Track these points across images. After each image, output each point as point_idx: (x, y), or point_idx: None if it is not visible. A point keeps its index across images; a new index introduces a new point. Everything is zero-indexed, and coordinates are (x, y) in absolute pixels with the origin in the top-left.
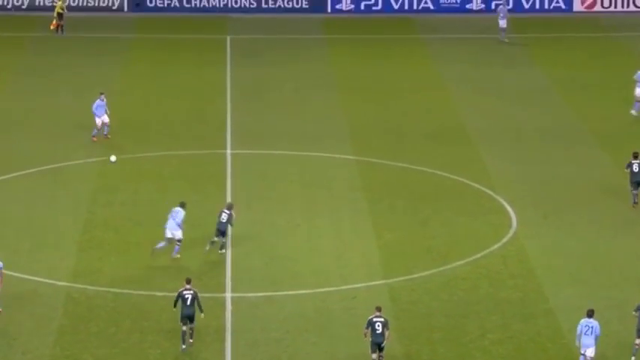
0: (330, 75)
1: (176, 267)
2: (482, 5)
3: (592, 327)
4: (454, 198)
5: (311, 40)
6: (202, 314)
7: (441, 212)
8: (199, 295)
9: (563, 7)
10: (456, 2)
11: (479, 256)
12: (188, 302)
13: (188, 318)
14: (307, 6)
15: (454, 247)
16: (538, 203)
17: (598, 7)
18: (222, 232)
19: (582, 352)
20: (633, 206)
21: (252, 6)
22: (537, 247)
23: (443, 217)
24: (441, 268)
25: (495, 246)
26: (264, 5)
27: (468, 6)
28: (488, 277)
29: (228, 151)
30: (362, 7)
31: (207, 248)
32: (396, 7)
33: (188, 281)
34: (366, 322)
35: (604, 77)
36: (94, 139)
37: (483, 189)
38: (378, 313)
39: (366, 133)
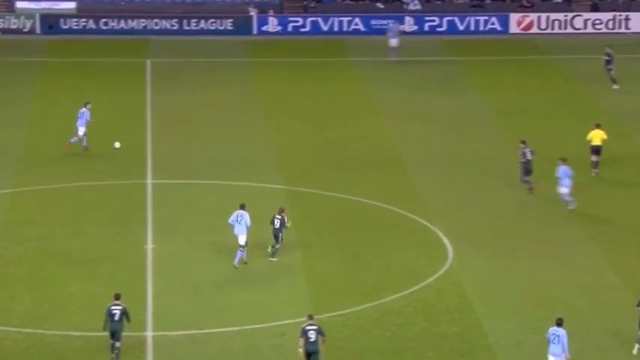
0: (257, 100)
1: (92, 304)
2: (416, 27)
3: (559, 336)
4: (388, 229)
5: (236, 64)
6: (130, 322)
7: (374, 244)
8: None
9: (499, 28)
10: (388, 24)
11: (414, 289)
12: (116, 317)
13: (114, 334)
14: (232, 28)
15: (388, 280)
16: (475, 233)
17: (535, 29)
18: (276, 237)
19: None
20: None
21: (173, 28)
22: (475, 280)
23: (376, 249)
24: (374, 303)
25: (431, 279)
26: (185, 27)
27: (400, 28)
28: (424, 312)
29: (149, 181)
30: (289, 28)
31: (274, 259)
32: (325, 28)
33: (117, 297)
34: (300, 330)
35: (542, 101)
36: (68, 146)
37: (418, 219)
38: (310, 321)
39: (296, 161)
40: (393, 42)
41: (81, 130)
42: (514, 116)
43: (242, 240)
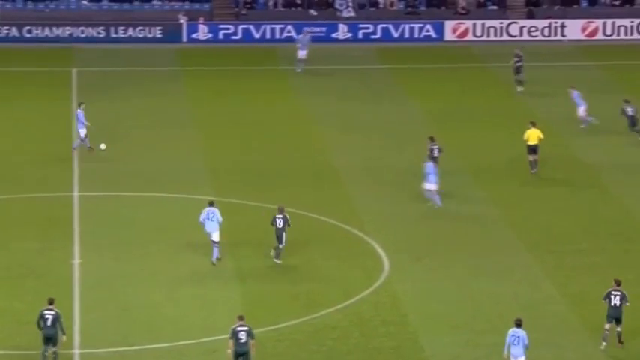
0: (187, 109)
1: (17, 321)
2: (349, 34)
3: (519, 337)
4: (323, 241)
5: (165, 73)
6: (64, 337)
7: (308, 256)
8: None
9: (434, 36)
10: (321, 31)
11: (349, 302)
12: (49, 322)
13: (49, 339)
14: (161, 36)
15: (323, 293)
16: (412, 245)
17: (470, 37)
18: (279, 238)
19: None
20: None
21: (100, 36)
22: (411, 292)
23: (311, 261)
24: (309, 317)
25: (367, 291)
26: (113, 35)
27: (333, 35)
28: (360, 325)
29: (75, 194)
30: (220, 36)
31: (278, 260)
32: (256, 36)
33: (51, 302)
34: (230, 331)
35: (478, 108)
36: (75, 150)
37: (354, 231)
38: (241, 322)
39: (228, 172)
40: (302, 54)
41: (82, 132)
42: (450, 124)
43: (216, 236)
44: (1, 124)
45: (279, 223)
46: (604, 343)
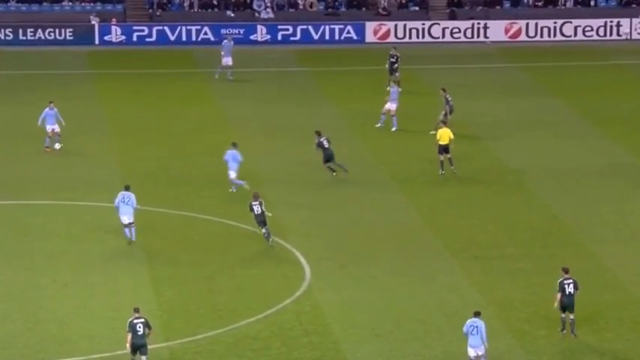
0: (100, 114)
1: None
2: (268, 36)
3: (477, 326)
4: (242, 249)
5: (77, 76)
6: None
7: (227, 265)
8: None
9: (355, 37)
10: (239, 33)
11: (270, 312)
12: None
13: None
14: (72, 38)
15: (242, 303)
16: (334, 252)
17: (391, 38)
18: (262, 222)
19: (472, 354)
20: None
21: (7, 38)
22: (334, 301)
23: (230, 270)
24: (228, 327)
25: (288, 300)
26: (22, 37)
27: (252, 37)
28: (281, 335)
29: None
30: (134, 38)
31: (269, 243)
32: (172, 38)
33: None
34: (127, 325)
35: (399, 111)
36: (47, 149)
37: (274, 238)
38: (136, 314)
39: (144, 179)
40: (226, 60)
41: (49, 129)
42: (369, 127)
43: (129, 219)
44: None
45: (257, 209)
46: (564, 331)
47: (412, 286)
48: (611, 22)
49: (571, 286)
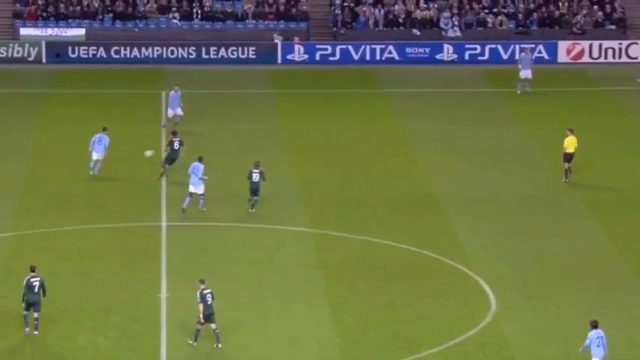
0: (280, 134)
1: (100, 358)
2: (455, 55)
3: (601, 337)
4: (424, 276)
5: (258, 95)
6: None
7: (408, 293)
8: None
9: (547, 57)
10: (425, 52)
11: (452, 343)
12: (35, 289)
13: (34, 305)
14: (254, 56)
15: (424, 333)
16: (521, 282)
17: (586, 58)
18: (255, 191)
19: None
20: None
21: (191, 57)
22: (520, 333)
23: (411, 298)
24: (410, 358)
25: (472, 332)
26: (204, 55)
27: (438, 56)
28: None
29: (163, 224)
30: (317, 57)
31: (251, 209)
32: (355, 57)
33: (33, 269)
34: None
35: (594, 135)
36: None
37: (457, 266)
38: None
39: (323, 201)
40: (525, 73)
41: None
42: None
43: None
44: (85, 149)
45: (255, 177)
46: None
47: (603, 319)
48: None
49: None
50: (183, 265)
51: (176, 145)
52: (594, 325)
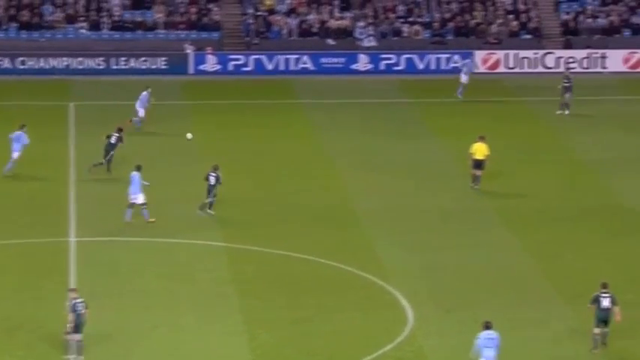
0: (192, 147)
1: None
2: (370, 65)
3: (493, 338)
4: (340, 291)
5: (171, 107)
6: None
7: (325, 307)
8: None
9: None
10: (340, 62)
11: (369, 358)
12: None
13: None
14: (166, 67)
15: (340, 348)
16: (439, 295)
17: (502, 68)
18: (211, 193)
19: None
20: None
21: (100, 67)
22: (439, 347)
23: (327, 313)
24: None
25: (389, 346)
26: (113, 66)
27: (353, 66)
28: None
29: (72, 239)
30: (230, 67)
31: (211, 211)
32: (269, 67)
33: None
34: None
35: (512, 145)
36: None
37: (374, 279)
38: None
39: (238, 215)
40: (465, 78)
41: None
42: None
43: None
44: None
45: (212, 180)
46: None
47: (524, 331)
48: None
49: (607, 300)
50: (93, 282)
51: (113, 140)
52: (487, 327)
